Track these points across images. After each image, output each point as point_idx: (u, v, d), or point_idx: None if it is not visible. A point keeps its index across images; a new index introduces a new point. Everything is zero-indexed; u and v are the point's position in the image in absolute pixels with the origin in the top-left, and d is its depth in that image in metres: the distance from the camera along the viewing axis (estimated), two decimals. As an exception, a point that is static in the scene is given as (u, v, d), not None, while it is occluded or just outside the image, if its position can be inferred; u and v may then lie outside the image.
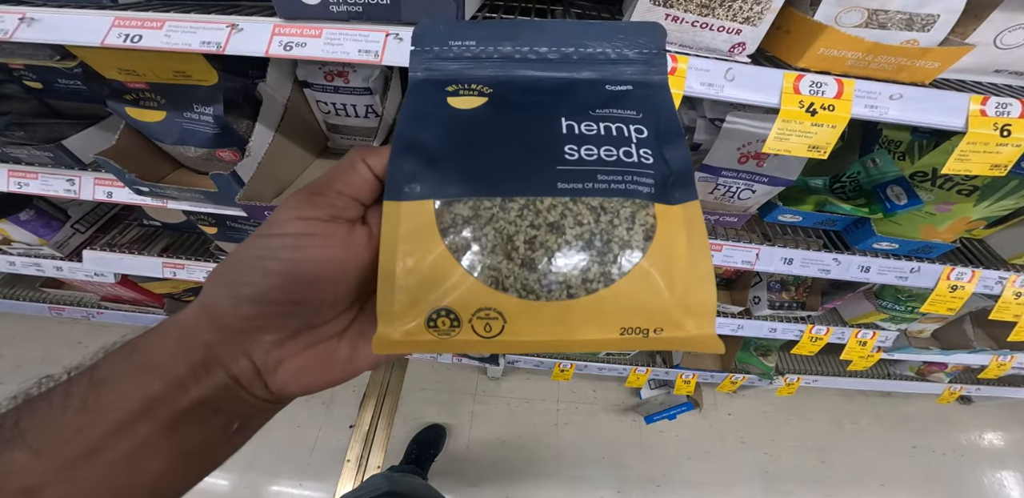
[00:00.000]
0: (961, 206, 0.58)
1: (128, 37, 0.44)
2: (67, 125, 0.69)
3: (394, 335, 0.19)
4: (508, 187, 0.20)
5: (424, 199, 0.20)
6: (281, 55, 0.48)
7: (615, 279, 0.19)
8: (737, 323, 0.95)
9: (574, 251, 0.19)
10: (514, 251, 0.19)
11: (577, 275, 0.19)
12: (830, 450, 1.42)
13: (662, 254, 0.19)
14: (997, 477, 1.39)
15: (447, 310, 0.19)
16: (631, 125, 0.21)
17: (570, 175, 0.20)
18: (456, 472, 1.29)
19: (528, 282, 0.19)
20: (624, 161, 0.20)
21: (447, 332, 0.19)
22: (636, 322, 0.19)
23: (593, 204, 0.20)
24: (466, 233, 0.19)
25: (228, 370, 0.20)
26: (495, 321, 0.19)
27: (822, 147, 0.42)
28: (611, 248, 0.19)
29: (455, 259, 0.19)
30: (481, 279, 0.19)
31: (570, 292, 0.19)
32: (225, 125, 0.60)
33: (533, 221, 0.20)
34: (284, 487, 1.23)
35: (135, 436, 0.18)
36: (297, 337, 0.21)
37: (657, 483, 1.33)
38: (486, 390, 1.47)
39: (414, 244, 0.19)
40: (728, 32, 0.45)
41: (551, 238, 0.19)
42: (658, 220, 0.20)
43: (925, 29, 0.40)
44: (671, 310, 0.19)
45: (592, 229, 0.20)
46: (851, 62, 0.41)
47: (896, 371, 1.30)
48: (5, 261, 0.91)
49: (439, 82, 0.22)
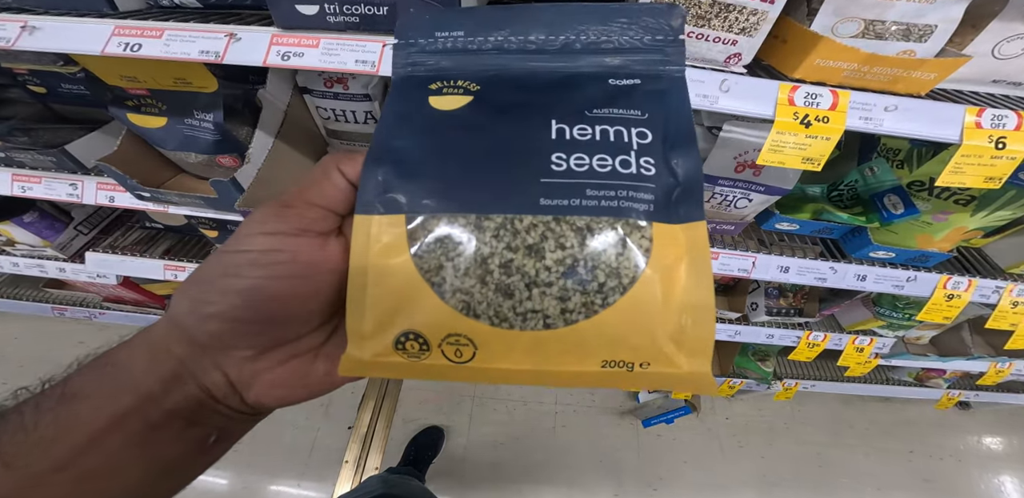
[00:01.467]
0: (958, 216, 0.58)
1: (128, 46, 0.45)
2: (70, 130, 0.70)
3: (363, 355, 0.18)
4: (485, 203, 0.18)
5: (395, 213, 0.18)
6: (279, 65, 0.48)
7: (598, 310, 0.17)
8: (735, 329, 0.95)
9: (553, 278, 0.18)
10: (488, 275, 0.18)
11: (555, 304, 0.18)
12: (827, 455, 1.41)
13: (656, 283, 0.17)
14: (994, 482, 1.39)
15: (415, 333, 0.18)
16: (633, 128, 0.19)
17: (555, 189, 0.18)
18: (454, 474, 1.29)
19: (501, 309, 0.18)
20: (620, 172, 0.18)
21: (416, 355, 0.18)
22: (620, 355, 0.17)
23: (579, 224, 0.18)
24: (438, 253, 0.18)
25: (200, 383, 0.20)
26: (466, 347, 0.18)
27: (816, 159, 0.42)
28: (596, 276, 0.18)
29: (425, 280, 0.18)
30: (451, 304, 0.18)
31: (547, 322, 0.18)
32: (225, 131, 0.60)
33: (510, 243, 0.18)
34: (282, 487, 1.23)
35: (106, 450, 0.18)
36: (271, 352, 0.20)
37: (654, 487, 1.33)
38: (484, 392, 1.47)
39: (384, 261, 0.18)
40: (724, 43, 0.45)
41: (528, 263, 0.18)
42: (655, 243, 0.18)
43: (922, 40, 0.40)
44: (661, 344, 0.17)
45: (575, 254, 0.18)
46: (847, 73, 0.41)
47: (895, 377, 1.30)
48: (9, 262, 0.92)
49: (422, 79, 0.20)
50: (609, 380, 0.17)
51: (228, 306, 0.19)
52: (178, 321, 0.20)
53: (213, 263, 0.20)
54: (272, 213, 0.20)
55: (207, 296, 0.19)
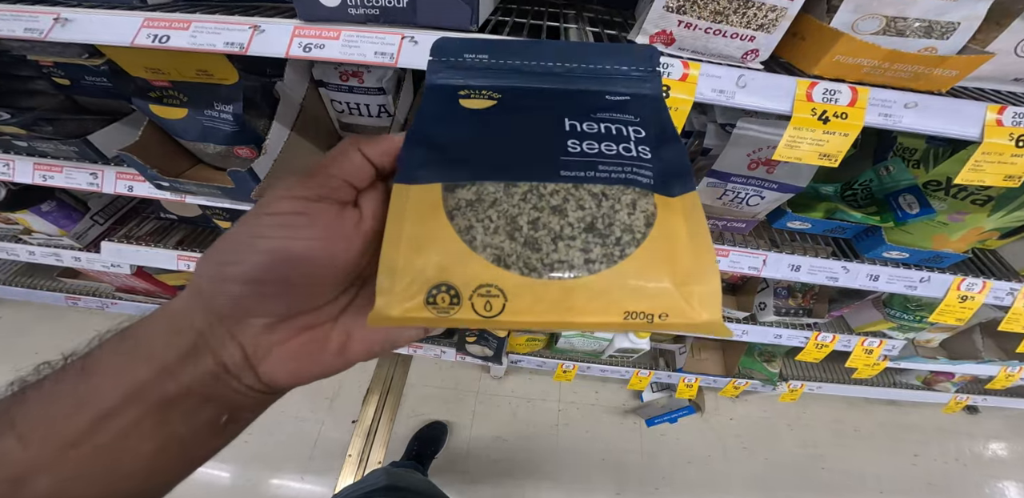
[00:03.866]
0: (975, 216, 0.58)
1: (157, 38, 0.46)
2: (92, 121, 0.71)
3: (392, 311, 0.18)
4: (513, 173, 0.21)
5: (432, 182, 0.20)
6: (300, 56, 0.49)
7: (617, 261, 0.19)
8: (742, 328, 0.95)
9: (576, 232, 0.20)
10: (517, 231, 0.20)
11: (579, 255, 0.19)
12: (831, 457, 1.41)
13: (664, 240, 0.20)
14: (999, 487, 1.38)
15: (448, 286, 0.19)
16: (630, 127, 0.23)
17: (572, 165, 0.21)
18: (456, 470, 1.30)
19: (530, 260, 0.19)
20: (623, 155, 0.22)
21: (446, 310, 0.19)
22: (640, 307, 0.19)
23: (595, 190, 0.20)
24: (470, 214, 0.20)
25: (217, 357, 0.20)
26: (495, 299, 0.19)
27: (834, 155, 0.42)
28: (613, 231, 0.20)
29: (459, 238, 0.19)
30: (484, 256, 0.19)
31: (572, 272, 0.19)
32: (244, 123, 0.61)
33: (536, 204, 0.20)
34: (286, 480, 1.24)
35: (121, 424, 0.18)
36: (287, 321, 0.21)
37: (656, 486, 1.33)
38: (488, 389, 1.48)
39: (419, 224, 0.20)
40: (741, 39, 0.45)
41: (554, 220, 0.20)
42: (658, 208, 0.21)
43: (944, 37, 0.40)
44: (676, 297, 0.19)
45: (594, 213, 0.20)
46: (867, 70, 0.41)
47: (902, 380, 1.29)
48: (25, 250, 0.93)
49: (452, 87, 0.24)
50: (628, 329, 0.19)
51: (251, 265, 0.19)
52: (199, 288, 0.20)
53: (238, 228, 0.20)
54: (296, 181, 0.21)
55: (232, 256, 0.20)
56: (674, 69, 0.46)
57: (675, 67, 0.46)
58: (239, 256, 0.19)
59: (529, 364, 1.31)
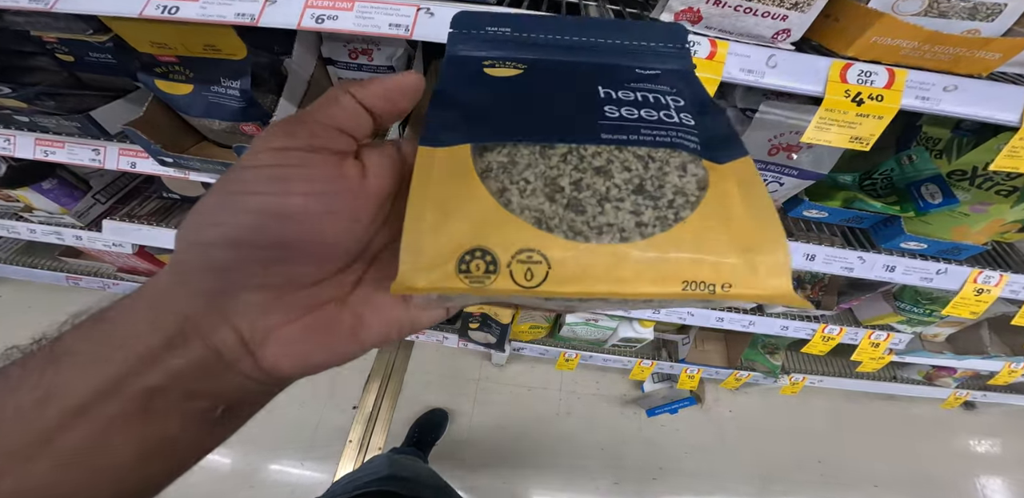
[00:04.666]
0: (998, 207, 0.57)
1: (166, 9, 0.44)
2: (95, 97, 0.69)
3: (418, 281, 0.16)
4: (548, 136, 0.19)
5: (461, 144, 0.19)
6: (313, 28, 0.47)
7: (672, 224, 0.18)
8: (749, 319, 0.95)
9: (624, 194, 0.18)
10: (558, 193, 0.18)
11: (629, 217, 0.18)
12: (828, 450, 1.42)
13: (720, 205, 0.18)
14: (994, 482, 1.40)
15: (483, 251, 0.16)
16: (667, 96, 0.21)
17: (613, 128, 0.19)
18: (456, 457, 1.30)
19: (575, 223, 0.17)
20: (665, 121, 0.20)
21: (480, 279, 0.16)
22: (701, 275, 0.17)
23: (640, 153, 0.19)
24: (503, 176, 0.18)
25: (208, 342, 0.17)
26: (538, 266, 0.17)
27: (866, 139, 0.41)
28: (664, 193, 0.18)
29: (494, 199, 0.18)
30: (524, 219, 0.17)
31: (623, 235, 0.17)
32: (251, 99, 0.59)
33: (577, 165, 0.18)
34: (285, 466, 1.25)
35: (97, 420, 0.15)
36: (286, 298, 0.18)
37: (654, 476, 1.34)
38: (490, 376, 1.48)
39: (448, 185, 0.18)
40: (773, 18, 0.43)
41: (598, 181, 0.18)
42: (709, 173, 0.19)
43: (989, 19, 0.38)
44: (740, 265, 0.17)
45: (641, 175, 0.19)
46: (905, 51, 0.39)
47: (903, 375, 1.29)
48: (26, 228, 0.92)
49: (475, 58, 0.22)
50: (689, 300, 0.17)
51: (236, 226, 0.16)
52: (180, 260, 0.17)
53: (218, 186, 0.17)
54: (281, 130, 0.17)
55: (212, 217, 0.17)
56: (701, 47, 0.44)
57: (702, 45, 0.44)
58: (221, 216, 0.17)
59: (531, 352, 1.31)
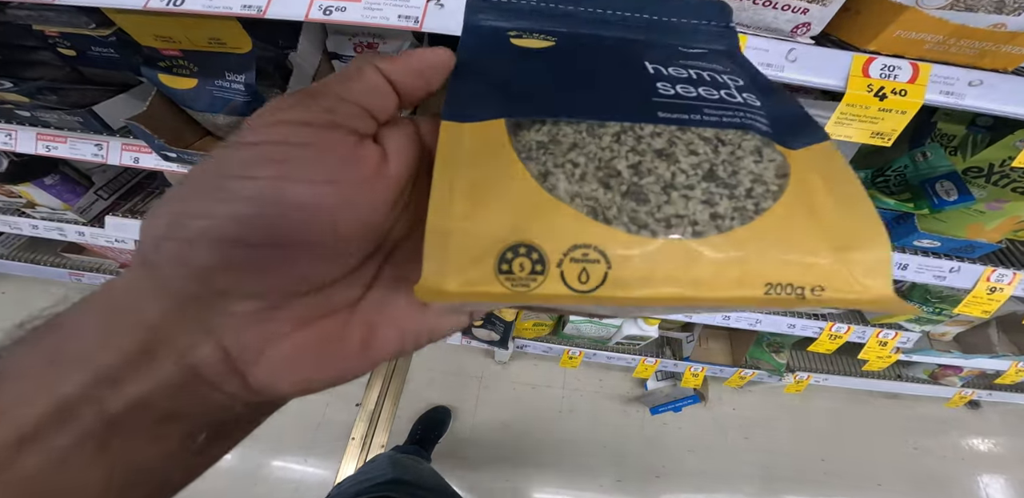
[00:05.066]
0: (1015, 204, 0.56)
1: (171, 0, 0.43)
2: (97, 91, 0.69)
3: (448, 283, 0.13)
4: (594, 112, 0.16)
5: (494, 118, 0.16)
6: (321, 19, 0.46)
7: (752, 217, 0.15)
8: (755, 317, 0.94)
9: (694, 180, 0.15)
10: (613, 178, 0.15)
11: (702, 208, 0.15)
12: (831, 448, 1.42)
13: (805, 194, 0.15)
14: (996, 481, 1.40)
15: (529, 247, 0.14)
16: (723, 75, 0.18)
17: (670, 107, 0.16)
18: (459, 455, 1.30)
19: (638, 215, 0.14)
20: (729, 100, 0.17)
21: (525, 281, 0.13)
22: (788, 277, 0.14)
23: (706, 135, 0.16)
24: (545, 158, 0.15)
25: (182, 359, 0.14)
26: (595, 265, 0.14)
27: (887, 134, 0.40)
28: (740, 180, 0.15)
29: (537, 183, 0.15)
30: (576, 208, 0.14)
31: (695, 229, 0.14)
32: (255, 93, 0.59)
33: (634, 147, 0.16)
34: (288, 463, 1.24)
35: (47, 452, 0.12)
36: (285, 307, 0.15)
37: (657, 473, 1.34)
38: (493, 374, 1.48)
39: (480, 167, 0.15)
40: (794, 11, 0.42)
41: (661, 165, 0.15)
42: (788, 157, 0.16)
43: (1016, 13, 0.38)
44: (834, 264, 0.14)
45: (711, 159, 0.16)
46: (929, 45, 0.39)
47: (909, 373, 1.29)
48: (29, 224, 0.91)
49: (499, 28, 0.20)
50: (772, 306, 0.14)
51: (226, 218, 0.13)
52: (148, 260, 0.14)
53: (205, 167, 0.14)
54: (291, 101, 0.14)
55: (196, 206, 0.13)
56: (719, 41, 0.43)
57: (720, 39, 0.43)
58: (206, 205, 0.13)
59: (535, 350, 1.31)
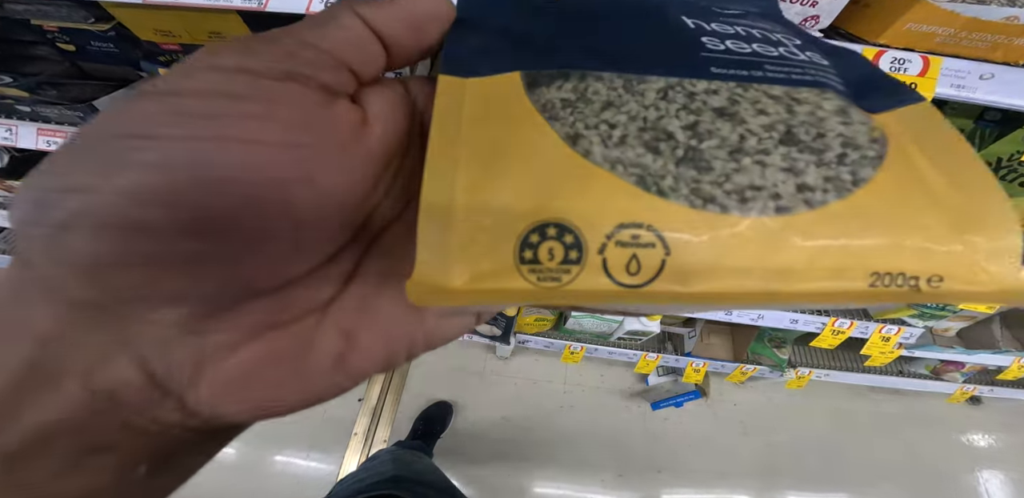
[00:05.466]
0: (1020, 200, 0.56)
1: (170, -11, 0.42)
2: (97, 86, 0.69)
3: (451, 279, 0.10)
4: (636, 64, 0.13)
5: (506, 72, 0.13)
6: (323, 13, 0.46)
7: (850, 189, 0.11)
8: (758, 312, 0.94)
9: (769, 144, 0.12)
10: (664, 141, 0.12)
11: (784, 178, 0.11)
12: (831, 444, 1.43)
13: (906, 163, 0.12)
14: (996, 477, 1.40)
15: (560, 226, 0.10)
16: (774, 34, 0.15)
17: (723, 62, 0.13)
18: (461, 450, 1.31)
19: (701, 185, 0.11)
20: (792, 58, 0.14)
21: (556, 273, 0.10)
22: (900, 265, 0.11)
23: (775, 93, 0.13)
24: (574, 116, 0.12)
25: (91, 380, 0.10)
26: (648, 251, 0.10)
27: (897, 130, 0.40)
28: (828, 144, 0.12)
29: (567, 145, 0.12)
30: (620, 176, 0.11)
31: (779, 204, 0.11)
32: (258, 87, 0.59)
33: (687, 105, 0.12)
34: (291, 457, 1.25)
35: None
36: (227, 314, 0.11)
37: (658, 469, 1.35)
38: (494, 369, 1.48)
39: (493, 128, 0.12)
40: (802, 3, 0.42)
41: (723, 126, 0.12)
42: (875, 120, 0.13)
43: (1030, 4, 0.37)
44: (956, 249, 0.11)
45: (787, 120, 0.12)
46: (940, 39, 0.38)
47: (911, 369, 1.29)
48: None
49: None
50: (877, 300, 0.11)
51: (117, 194, 0.09)
52: (24, 255, 0.10)
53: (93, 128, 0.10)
54: (238, 45, 0.11)
55: (71, 180, 0.09)
56: (727, 35, 0.43)
57: (728, 33, 0.43)
58: (87, 176, 0.09)
59: (536, 345, 1.31)
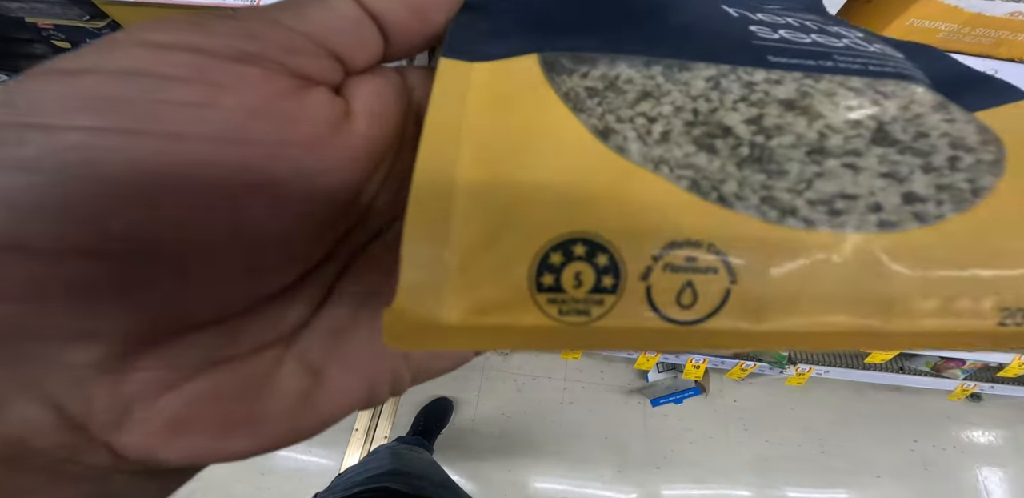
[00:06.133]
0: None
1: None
2: None
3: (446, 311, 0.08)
4: (675, 49, 0.11)
5: (520, 55, 0.11)
6: (317, 9, 0.45)
7: (971, 200, 0.09)
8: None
9: (860, 144, 0.10)
10: (720, 138, 0.10)
11: (885, 186, 0.09)
12: (831, 441, 1.43)
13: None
14: (995, 474, 1.41)
15: (592, 243, 0.08)
16: (830, 26, 0.13)
17: (782, 51, 0.11)
18: (461, 445, 1.32)
19: (773, 193, 0.09)
20: (861, 49, 0.12)
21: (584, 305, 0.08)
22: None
23: (853, 85, 0.11)
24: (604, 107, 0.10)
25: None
26: (708, 277, 0.08)
27: (898, 128, 0.39)
28: (935, 146, 0.10)
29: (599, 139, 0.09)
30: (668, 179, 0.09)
31: (882, 218, 0.09)
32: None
33: (747, 96, 0.10)
34: (293, 453, 1.26)
35: None
36: (162, 348, 0.09)
37: (657, 464, 1.35)
38: (494, 365, 1.48)
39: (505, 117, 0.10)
40: None
41: (798, 121, 0.10)
42: None
43: (1035, 0, 0.37)
44: None
45: (876, 114, 0.10)
46: (943, 35, 0.38)
47: (911, 366, 1.29)
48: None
49: None
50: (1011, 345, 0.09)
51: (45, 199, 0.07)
52: None
53: None
54: (180, 19, 0.09)
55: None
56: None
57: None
58: None
59: (537, 344, 1.31)
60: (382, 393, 0.12)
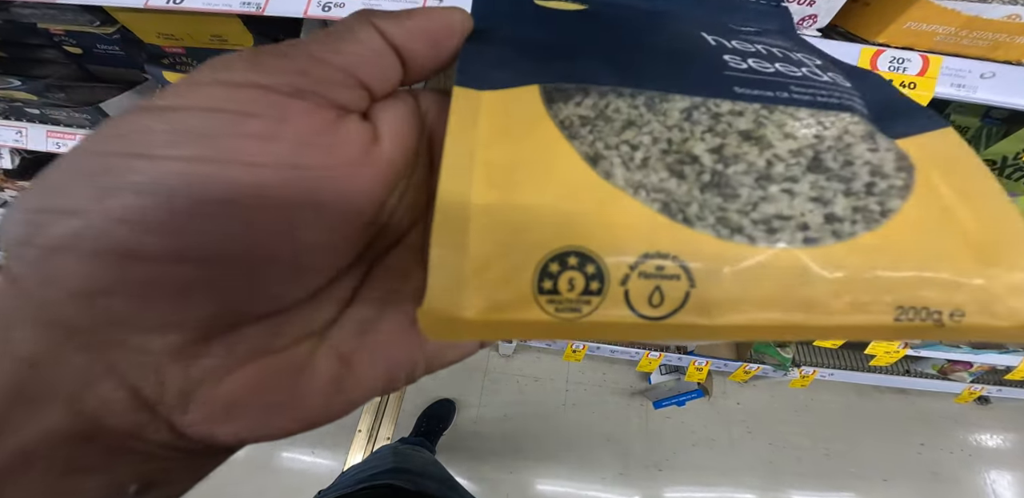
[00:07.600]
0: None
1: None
2: (104, 89, 0.71)
3: (465, 309, 0.10)
4: (658, 81, 0.13)
5: (524, 85, 0.12)
6: (319, 16, 0.46)
7: (878, 220, 0.11)
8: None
9: (797, 170, 0.12)
10: (688, 165, 0.12)
11: (812, 208, 0.11)
12: (836, 444, 1.42)
13: (932, 194, 0.12)
14: (1003, 478, 1.39)
15: (582, 255, 0.10)
16: (795, 53, 0.15)
17: (748, 82, 0.13)
18: (463, 447, 1.32)
19: (727, 214, 0.11)
20: (815, 79, 0.14)
21: (575, 304, 0.10)
22: (924, 299, 0.11)
23: (800, 115, 0.13)
24: (593, 135, 0.12)
25: (76, 403, 0.10)
26: (672, 282, 0.10)
27: (896, 130, 0.39)
28: (856, 172, 0.12)
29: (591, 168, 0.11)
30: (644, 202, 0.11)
31: (807, 235, 0.11)
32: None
33: (712, 127, 0.12)
34: (296, 454, 1.27)
35: None
36: (220, 339, 0.11)
37: (660, 467, 1.35)
38: (497, 367, 1.49)
39: (511, 145, 0.11)
40: (800, 2, 0.41)
41: (752, 150, 0.12)
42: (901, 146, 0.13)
43: (1031, 3, 0.37)
44: (977, 282, 0.11)
45: (814, 145, 0.12)
46: (940, 37, 0.38)
47: (917, 369, 1.28)
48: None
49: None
50: (903, 335, 0.11)
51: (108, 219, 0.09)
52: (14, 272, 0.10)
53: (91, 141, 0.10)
54: (247, 58, 0.11)
55: (62, 201, 0.09)
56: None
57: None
58: (79, 198, 0.09)
59: (538, 343, 1.31)
60: (400, 379, 0.13)
